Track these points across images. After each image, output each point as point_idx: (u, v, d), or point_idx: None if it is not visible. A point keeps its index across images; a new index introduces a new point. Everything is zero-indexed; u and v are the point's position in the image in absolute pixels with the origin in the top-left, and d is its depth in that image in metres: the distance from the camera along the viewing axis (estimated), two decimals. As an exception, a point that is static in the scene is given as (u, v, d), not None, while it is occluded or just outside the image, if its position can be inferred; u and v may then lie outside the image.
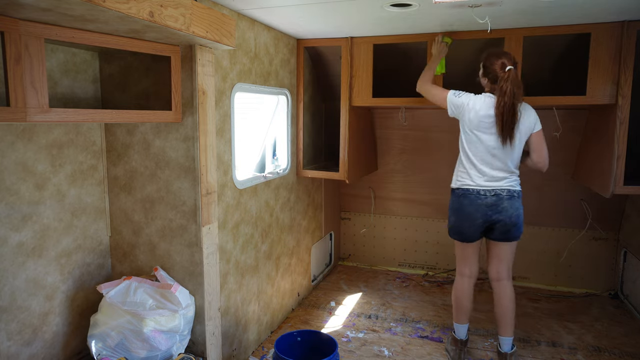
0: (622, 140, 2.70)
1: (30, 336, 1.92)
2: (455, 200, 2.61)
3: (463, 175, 2.57)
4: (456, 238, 2.65)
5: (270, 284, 3.03)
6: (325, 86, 3.69)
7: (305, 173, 3.38)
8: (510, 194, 2.50)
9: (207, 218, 2.15)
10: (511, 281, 2.66)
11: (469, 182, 2.54)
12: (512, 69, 2.39)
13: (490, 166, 2.50)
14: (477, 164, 2.51)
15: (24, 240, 1.87)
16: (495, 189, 2.50)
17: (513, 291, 2.65)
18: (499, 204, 2.49)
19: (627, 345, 2.93)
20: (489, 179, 2.50)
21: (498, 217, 2.50)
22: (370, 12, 2.46)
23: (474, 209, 2.51)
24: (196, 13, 1.74)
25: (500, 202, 2.49)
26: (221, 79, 2.35)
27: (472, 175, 2.53)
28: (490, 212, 2.50)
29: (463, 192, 2.55)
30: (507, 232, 2.53)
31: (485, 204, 2.50)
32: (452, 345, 2.79)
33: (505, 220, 2.49)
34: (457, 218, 2.59)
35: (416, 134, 4.07)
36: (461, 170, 2.59)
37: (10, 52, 1.43)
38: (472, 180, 2.53)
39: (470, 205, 2.52)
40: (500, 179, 2.50)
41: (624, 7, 2.34)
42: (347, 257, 4.50)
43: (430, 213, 4.19)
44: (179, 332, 2.02)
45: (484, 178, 2.51)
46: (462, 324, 2.76)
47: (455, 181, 2.63)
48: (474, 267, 2.71)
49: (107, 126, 2.23)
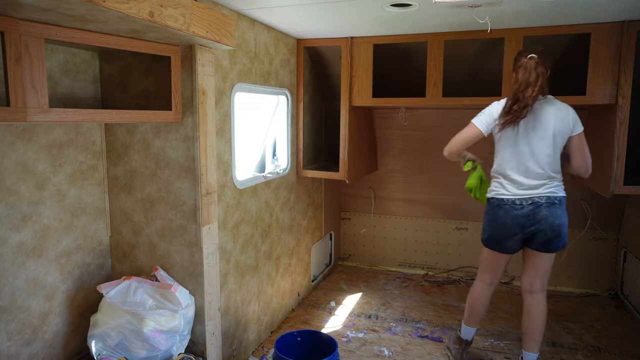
0: (622, 140, 2.70)
1: (30, 336, 1.92)
2: (490, 210, 2.45)
3: (496, 184, 2.44)
4: (493, 249, 2.49)
5: (270, 284, 3.03)
6: (325, 86, 3.69)
7: (305, 173, 3.38)
8: (551, 200, 2.31)
9: (207, 218, 2.15)
10: (545, 294, 2.48)
11: (503, 192, 2.38)
12: (534, 57, 2.26)
13: (525, 173, 2.33)
14: (509, 172, 2.37)
15: (24, 240, 1.87)
16: (532, 197, 2.32)
17: (546, 306, 2.48)
18: (537, 213, 2.31)
19: (627, 345, 2.93)
20: (525, 187, 2.33)
21: (537, 227, 2.32)
22: (370, 12, 2.46)
23: (510, 220, 2.35)
24: (196, 13, 1.74)
25: (539, 210, 2.31)
26: (221, 79, 2.35)
27: (504, 184, 2.39)
28: (528, 222, 2.32)
29: (498, 202, 2.40)
30: (549, 242, 2.35)
31: (522, 214, 2.33)
32: (455, 344, 2.75)
33: (545, 229, 2.31)
34: (493, 229, 2.43)
35: (416, 134, 4.07)
36: (495, 179, 2.46)
37: (10, 52, 1.43)
38: (506, 190, 2.37)
39: (507, 215, 2.36)
40: (538, 186, 2.32)
41: (624, 7, 2.34)
42: (347, 257, 4.50)
43: (430, 213, 4.18)
44: (179, 332, 2.02)
45: (519, 186, 2.34)
46: (472, 327, 2.69)
47: (489, 190, 2.49)
48: (499, 276, 2.58)
49: (107, 126, 2.23)
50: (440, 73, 3.01)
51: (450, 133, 3.95)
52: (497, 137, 2.44)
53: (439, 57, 3.00)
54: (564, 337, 3.04)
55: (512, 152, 2.36)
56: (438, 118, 3.96)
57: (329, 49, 3.30)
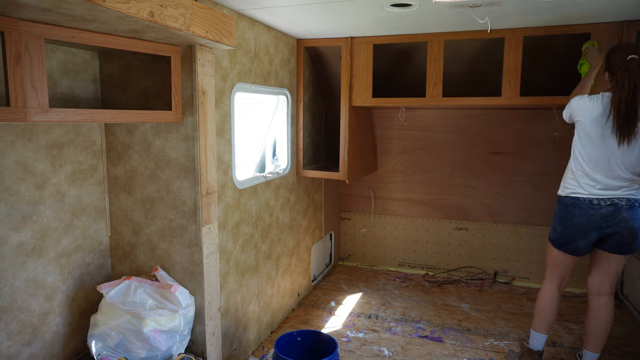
0: (622, 140, 2.70)
1: (30, 336, 1.92)
2: (563, 209, 2.38)
3: (572, 182, 2.36)
4: (563, 249, 2.43)
5: (270, 284, 3.03)
6: (325, 86, 3.69)
7: (305, 173, 3.38)
8: (631, 203, 2.24)
9: (207, 218, 2.15)
10: (613, 297, 2.45)
11: (580, 191, 2.31)
12: (635, 58, 2.14)
13: (607, 173, 2.25)
14: (589, 171, 2.28)
15: (24, 240, 1.87)
16: (612, 198, 2.25)
17: (613, 309, 2.45)
18: (616, 214, 2.24)
19: (627, 345, 2.93)
20: (604, 187, 2.26)
21: (615, 229, 2.26)
22: (370, 12, 2.46)
23: (586, 220, 2.28)
24: (196, 13, 1.74)
25: (618, 212, 2.24)
26: (221, 79, 2.35)
27: (582, 183, 2.31)
28: (605, 223, 2.26)
29: (573, 201, 2.33)
30: (625, 245, 2.30)
31: (599, 215, 2.26)
32: (527, 357, 2.57)
33: (623, 232, 2.25)
34: (566, 229, 2.37)
35: (416, 134, 4.07)
36: (570, 177, 2.38)
37: (10, 52, 1.43)
38: (583, 189, 2.30)
39: (582, 215, 2.29)
40: (619, 187, 2.25)
41: (624, 7, 2.34)
42: (347, 257, 4.50)
43: (430, 213, 4.19)
44: (179, 332, 2.02)
45: (598, 186, 2.27)
46: (543, 333, 2.54)
47: (563, 188, 2.41)
48: (568, 277, 2.51)
49: (107, 126, 2.23)
50: (440, 73, 3.01)
51: (450, 133, 3.99)
52: (581, 133, 2.32)
53: (439, 57, 3.00)
54: (564, 337, 3.04)
55: (596, 150, 2.26)
56: (438, 118, 3.97)
57: (329, 49, 3.30)
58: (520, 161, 3.83)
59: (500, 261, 4.04)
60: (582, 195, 2.30)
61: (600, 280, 2.43)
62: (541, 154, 3.76)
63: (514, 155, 3.85)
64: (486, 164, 3.92)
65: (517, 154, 3.83)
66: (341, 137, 3.30)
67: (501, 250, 4.03)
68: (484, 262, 4.08)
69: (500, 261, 4.04)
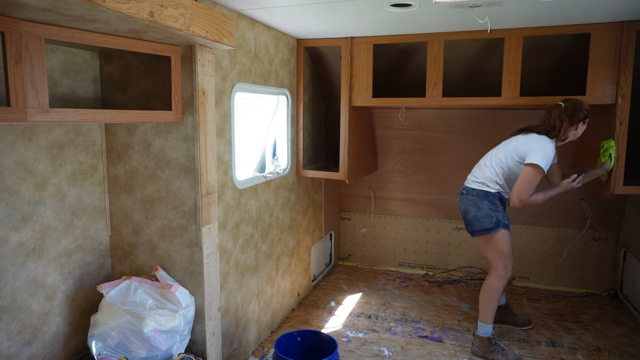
0: (622, 140, 2.70)
1: (31, 336, 1.92)
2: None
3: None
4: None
5: (270, 284, 3.03)
6: (325, 86, 3.69)
7: (305, 173, 3.38)
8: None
9: (207, 218, 2.15)
10: (491, 272, 2.78)
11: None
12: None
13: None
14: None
15: (24, 240, 1.87)
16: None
17: (487, 283, 2.79)
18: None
19: (627, 345, 2.93)
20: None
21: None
22: (370, 12, 2.46)
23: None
24: (196, 13, 1.74)
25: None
26: (221, 79, 2.35)
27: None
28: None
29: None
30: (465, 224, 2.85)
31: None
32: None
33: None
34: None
35: (416, 134, 4.07)
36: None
37: (10, 52, 1.43)
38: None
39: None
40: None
41: (623, 7, 2.34)
42: (347, 257, 4.50)
43: (430, 213, 4.19)
44: (179, 332, 2.03)
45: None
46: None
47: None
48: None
49: (107, 126, 2.23)
50: (440, 73, 3.01)
51: (450, 133, 3.99)
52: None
53: (439, 57, 3.00)
54: (564, 337, 3.04)
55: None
56: (438, 118, 3.96)
57: (329, 49, 3.30)
58: (520, 161, 3.83)
59: (500, 261, 4.04)
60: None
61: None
62: (541, 154, 3.76)
63: (514, 155, 3.84)
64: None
65: (517, 154, 3.83)
66: (341, 137, 3.30)
67: (501, 250, 4.03)
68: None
69: (500, 261, 4.04)
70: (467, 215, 2.78)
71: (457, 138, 3.96)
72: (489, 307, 2.75)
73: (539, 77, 3.17)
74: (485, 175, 2.77)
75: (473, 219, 2.74)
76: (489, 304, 2.75)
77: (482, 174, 2.79)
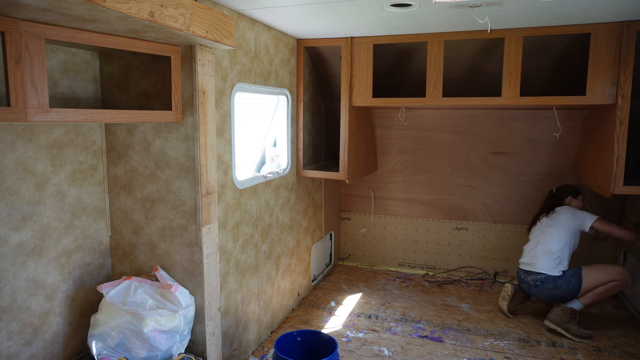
0: (622, 140, 2.70)
1: (31, 336, 1.92)
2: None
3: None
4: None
5: (270, 284, 3.03)
6: (325, 86, 3.69)
7: (305, 173, 3.38)
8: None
9: (207, 218, 2.15)
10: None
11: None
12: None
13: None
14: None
15: (24, 240, 1.87)
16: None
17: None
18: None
19: (627, 345, 2.93)
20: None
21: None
22: (370, 12, 2.46)
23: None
24: (196, 13, 1.74)
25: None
26: (221, 79, 2.35)
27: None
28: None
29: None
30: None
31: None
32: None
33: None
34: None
35: (416, 134, 4.07)
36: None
37: (10, 52, 1.43)
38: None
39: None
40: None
41: (623, 7, 2.34)
42: (347, 257, 4.50)
43: (430, 213, 4.19)
44: (179, 332, 2.03)
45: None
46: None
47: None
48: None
49: (107, 126, 2.23)
50: (440, 73, 3.01)
51: (450, 133, 3.99)
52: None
53: (439, 57, 3.00)
54: (564, 337, 3.04)
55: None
56: (438, 118, 3.96)
57: (329, 49, 3.30)
58: (520, 161, 3.84)
59: (500, 261, 4.04)
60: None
61: None
62: (541, 154, 3.76)
63: (514, 155, 3.85)
64: (486, 164, 3.92)
65: (517, 154, 3.83)
66: (341, 137, 3.30)
67: (501, 250, 4.03)
68: (484, 262, 4.09)
69: (500, 261, 4.05)
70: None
71: (457, 138, 3.97)
72: (598, 296, 3.02)
73: (539, 77, 3.17)
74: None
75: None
76: (601, 294, 3.02)
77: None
